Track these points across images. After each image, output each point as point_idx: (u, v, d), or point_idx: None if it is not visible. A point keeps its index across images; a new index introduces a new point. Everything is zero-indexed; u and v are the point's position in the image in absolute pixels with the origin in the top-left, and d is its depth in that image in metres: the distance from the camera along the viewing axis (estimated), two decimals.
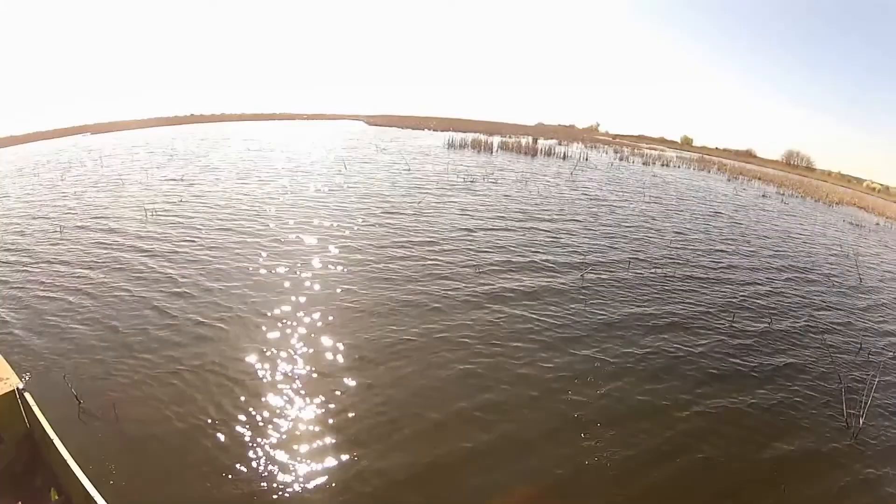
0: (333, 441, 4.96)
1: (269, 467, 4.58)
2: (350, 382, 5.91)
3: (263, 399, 5.54)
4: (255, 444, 4.85)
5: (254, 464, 4.61)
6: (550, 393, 6.12)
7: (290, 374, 6.01)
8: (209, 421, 5.11)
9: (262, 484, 4.40)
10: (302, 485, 4.43)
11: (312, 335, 6.97)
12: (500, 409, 5.69)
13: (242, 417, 5.21)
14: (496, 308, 8.37)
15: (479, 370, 6.45)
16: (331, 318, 7.53)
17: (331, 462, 4.71)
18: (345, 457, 4.78)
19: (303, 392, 5.68)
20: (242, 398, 5.53)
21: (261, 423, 5.15)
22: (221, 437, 4.92)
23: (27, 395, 3.85)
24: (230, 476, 4.46)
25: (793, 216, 24.13)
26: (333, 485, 4.46)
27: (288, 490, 4.37)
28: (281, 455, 4.74)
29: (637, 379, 6.60)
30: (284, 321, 7.32)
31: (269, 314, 7.53)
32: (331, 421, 5.24)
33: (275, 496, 4.29)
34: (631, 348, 7.42)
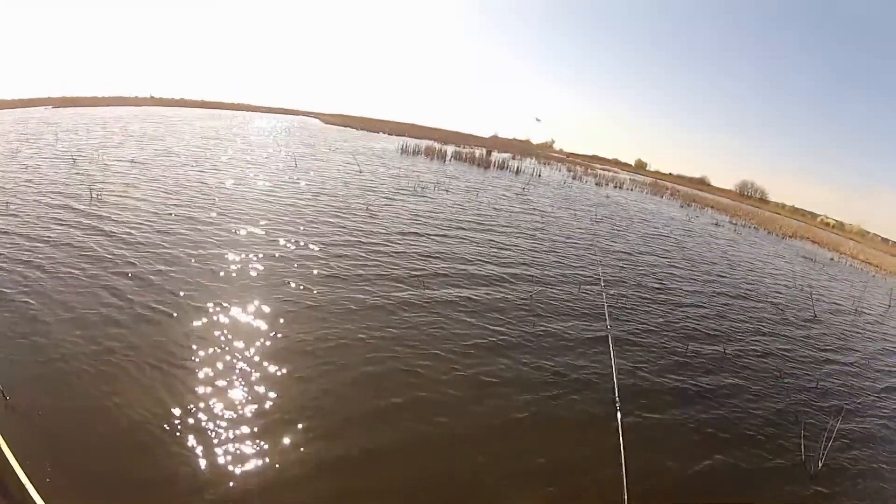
0: (268, 433, 4.76)
1: (205, 459, 4.32)
2: (288, 375, 5.73)
3: (202, 391, 5.24)
4: (192, 436, 4.54)
5: (191, 457, 4.32)
6: (488, 397, 5.89)
7: (229, 366, 5.71)
8: (146, 412, 4.80)
9: (198, 475, 4.15)
10: (235, 475, 4.23)
11: (255, 328, 6.73)
12: (438, 411, 5.51)
13: (180, 409, 4.90)
14: (440, 311, 8.14)
15: (419, 370, 6.25)
16: (275, 311, 7.28)
17: (266, 453, 4.52)
18: (281, 446, 4.64)
19: (240, 384, 5.44)
20: (182, 389, 5.23)
21: (198, 415, 4.85)
22: (159, 429, 4.62)
23: None
24: (167, 469, 4.17)
25: (745, 246, 23.81)
26: (268, 475, 4.29)
27: (222, 482, 4.16)
28: (214, 447, 4.49)
29: (576, 395, 6.22)
30: (228, 312, 7.03)
31: (213, 304, 7.21)
32: (267, 414, 5.04)
33: (209, 488, 4.08)
34: (576, 362, 7.04)
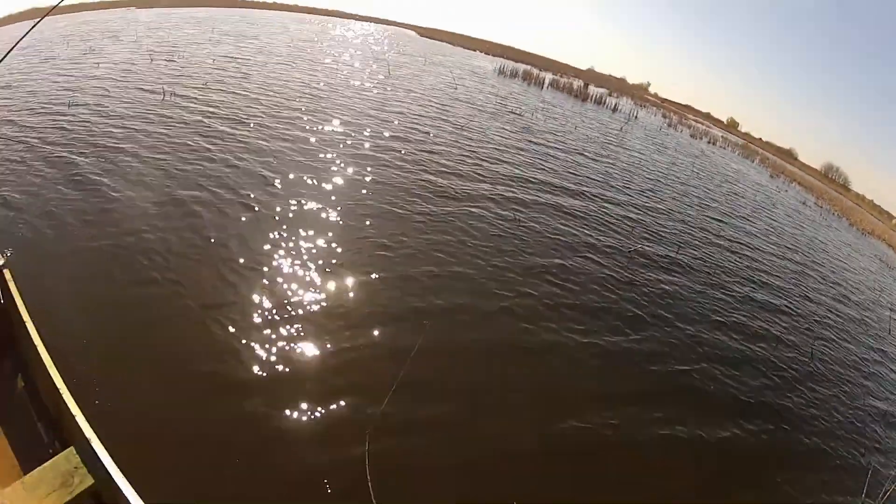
0: (332, 333, 4.78)
1: (266, 367, 4.23)
2: (362, 277, 5.79)
3: (272, 283, 5.27)
4: (254, 338, 4.44)
5: (249, 363, 4.20)
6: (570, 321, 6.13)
7: (302, 262, 5.77)
8: (208, 302, 4.74)
9: (252, 382, 4.05)
10: (294, 371, 4.27)
11: (335, 225, 6.78)
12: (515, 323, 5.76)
13: (246, 309, 4.82)
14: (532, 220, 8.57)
15: (513, 304, 6.19)
16: (355, 214, 7.25)
17: (324, 353, 4.55)
18: (343, 345, 4.69)
19: (310, 281, 5.48)
20: (253, 281, 5.21)
21: (265, 316, 4.77)
22: (221, 320, 4.54)
23: (6, 273, 3.41)
24: (212, 382, 3.97)
25: (831, 234, 22.13)
26: (325, 375, 4.33)
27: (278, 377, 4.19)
28: (278, 341, 4.52)
29: (640, 388, 5.57)
30: (308, 208, 7.06)
31: (294, 199, 7.24)
32: (333, 312, 5.08)
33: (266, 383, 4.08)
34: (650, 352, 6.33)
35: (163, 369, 3.98)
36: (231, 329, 4.51)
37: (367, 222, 7.08)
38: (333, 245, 6.27)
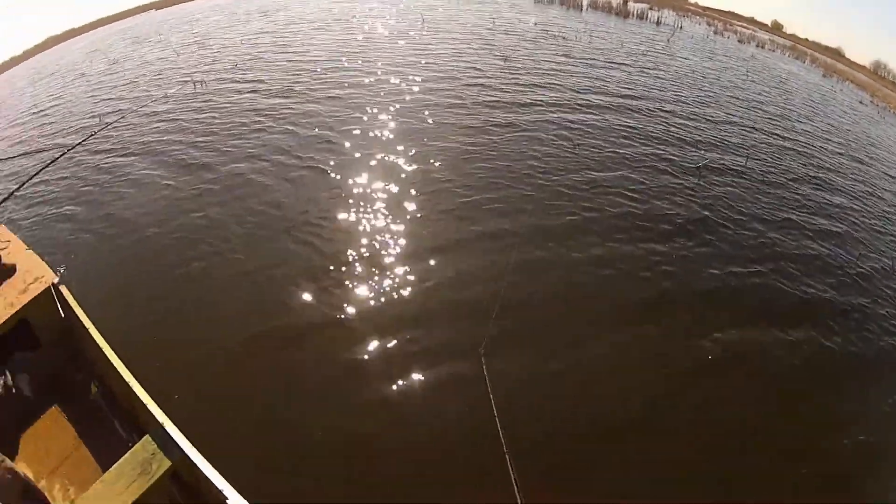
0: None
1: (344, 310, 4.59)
2: (436, 209, 6.25)
3: (348, 242, 5.55)
4: (335, 295, 4.73)
5: (332, 322, 4.51)
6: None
7: (376, 210, 6.19)
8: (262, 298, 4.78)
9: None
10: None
11: (400, 170, 7.06)
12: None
13: (320, 266, 5.13)
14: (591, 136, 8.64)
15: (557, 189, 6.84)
16: (416, 154, 7.55)
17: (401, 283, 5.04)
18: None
19: (390, 222, 5.94)
20: (326, 245, 5.49)
21: (345, 271, 5.11)
22: (288, 302, 4.67)
23: (63, 289, 3.38)
24: (288, 343, 4.27)
25: (891, 131, 21.19)
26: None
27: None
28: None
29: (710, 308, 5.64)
30: (375, 162, 7.35)
31: (360, 155, 7.57)
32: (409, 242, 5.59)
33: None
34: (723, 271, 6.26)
35: (234, 345, 4.14)
36: (307, 289, 4.77)
37: (429, 160, 7.40)
38: (400, 187, 6.72)
